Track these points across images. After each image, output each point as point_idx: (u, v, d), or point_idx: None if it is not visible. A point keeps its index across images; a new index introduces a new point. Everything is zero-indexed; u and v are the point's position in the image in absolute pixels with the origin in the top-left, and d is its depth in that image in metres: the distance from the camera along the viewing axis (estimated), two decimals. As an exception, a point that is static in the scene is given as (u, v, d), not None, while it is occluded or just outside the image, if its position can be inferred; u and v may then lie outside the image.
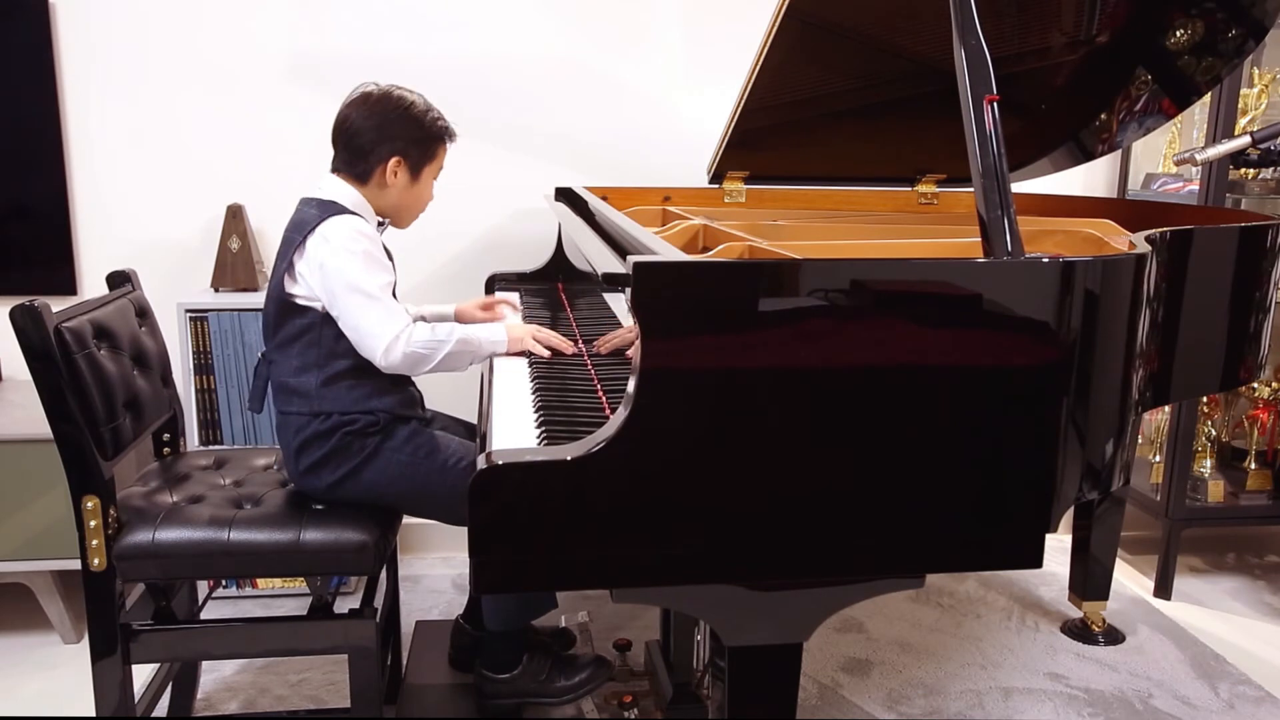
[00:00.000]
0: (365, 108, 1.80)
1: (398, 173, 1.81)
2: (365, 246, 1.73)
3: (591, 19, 2.69)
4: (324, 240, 1.72)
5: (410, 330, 1.73)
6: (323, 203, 1.78)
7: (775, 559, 1.26)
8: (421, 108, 1.83)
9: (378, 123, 1.79)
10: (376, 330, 1.71)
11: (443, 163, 1.90)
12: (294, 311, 1.76)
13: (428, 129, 1.83)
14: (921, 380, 1.25)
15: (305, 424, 1.75)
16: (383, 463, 1.75)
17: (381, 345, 1.71)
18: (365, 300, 1.71)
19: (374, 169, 1.81)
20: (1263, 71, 2.74)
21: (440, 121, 1.86)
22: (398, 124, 1.80)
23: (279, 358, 1.79)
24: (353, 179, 1.82)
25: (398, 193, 1.84)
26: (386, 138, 1.79)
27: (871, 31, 2.09)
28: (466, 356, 1.80)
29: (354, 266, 1.71)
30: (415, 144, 1.82)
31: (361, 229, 1.75)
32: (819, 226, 2.22)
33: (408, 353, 1.72)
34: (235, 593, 2.57)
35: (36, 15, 2.48)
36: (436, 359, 1.76)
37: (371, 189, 1.82)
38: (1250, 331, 2.08)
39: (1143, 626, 2.54)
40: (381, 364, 1.72)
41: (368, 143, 1.79)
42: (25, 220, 2.58)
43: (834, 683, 2.24)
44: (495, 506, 1.20)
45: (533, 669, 1.93)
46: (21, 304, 1.54)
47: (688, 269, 1.24)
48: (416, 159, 1.83)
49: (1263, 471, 2.86)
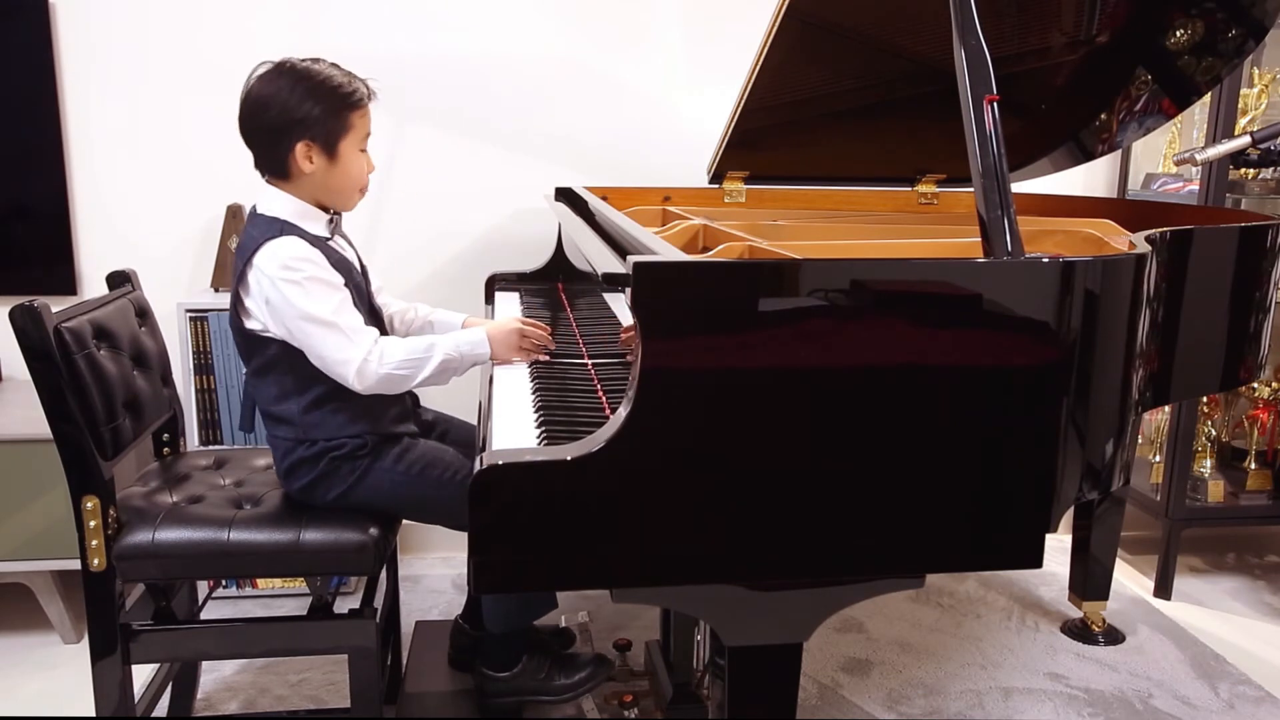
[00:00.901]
0: (260, 89, 1.64)
1: (310, 157, 1.66)
2: (306, 272, 1.61)
3: (591, 19, 2.69)
4: (260, 274, 1.62)
5: (380, 349, 1.64)
6: (263, 221, 1.67)
7: (775, 559, 1.26)
8: (319, 76, 1.64)
9: (276, 106, 1.62)
10: (341, 357, 1.62)
11: (367, 129, 1.71)
12: (258, 343, 1.69)
13: (329, 98, 1.64)
14: (921, 380, 1.25)
15: (292, 449, 1.73)
16: (375, 482, 1.72)
17: (351, 371, 1.62)
18: (322, 329, 1.61)
19: (286, 160, 1.65)
20: (1263, 71, 2.74)
21: (344, 87, 1.65)
22: (295, 102, 1.62)
23: (258, 385, 1.74)
24: (276, 178, 1.69)
25: (320, 178, 1.68)
26: (287, 122, 1.62)
27: (871, 31, 2.09)
28: (449, 373, 1.71)
29: (298, 296, 1.60)
30: (319, 122, 1.64)
31: (296, 253, 1.62)
32: (819, 226, 2.22)
33: (382, 375, 1.64)
34: (235, 593, 2.57)
35: (36, 15, 2.48)
36: (417, 379, 1.68)
37: (296, 183, 1.68)
38: (1250, 331, 2.08)
39: (1143, 626, 2.54)
40: (357, 389, 1.64)
41: (270, 132, 1.64)
42: (25, 220, 2.58)
43: (834, 683, 2.24)
44: (495, 507, 1.19)
45: (532, 668, 1.92)
46: (21, 304, 1.54)
47: (688, 269, 1.24)
48: (326, 136, 1.65)
49: (1263, 471, 2.86)
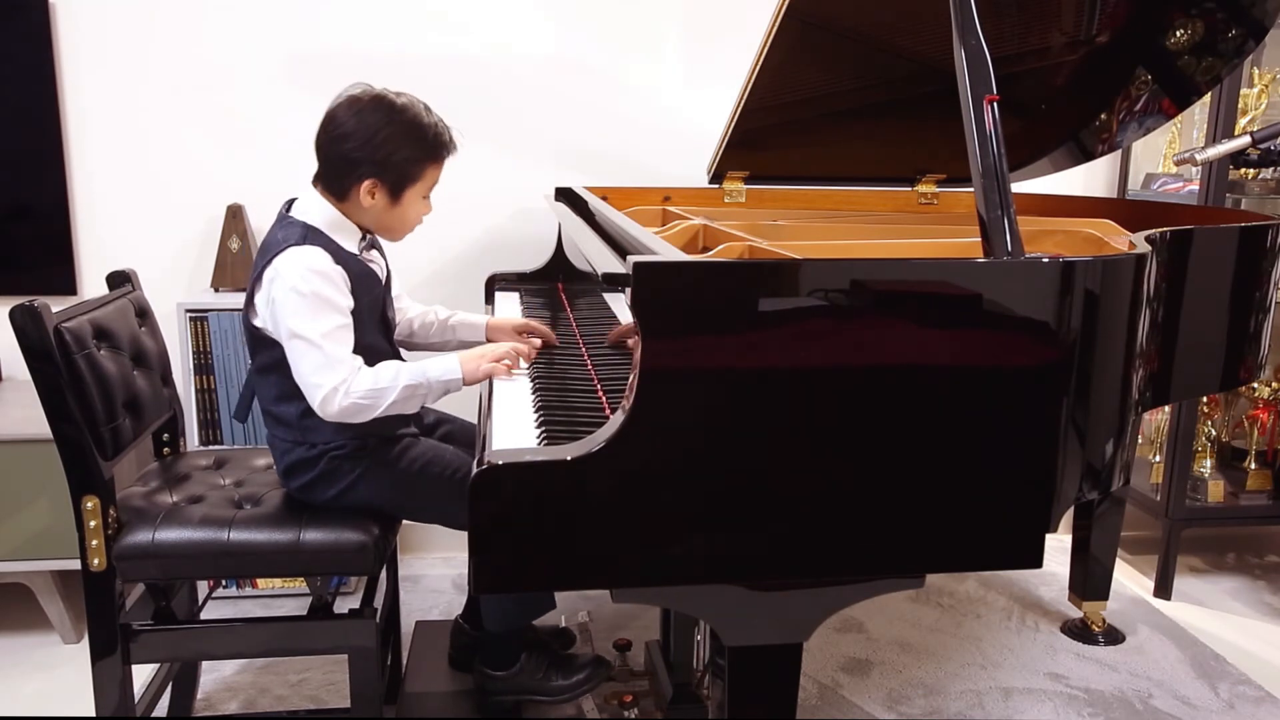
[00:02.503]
0: (347, 117, 1.65)
1: (375, 194, 1.68)
2: (315, 287, 1.60)
3: (591, 19, 2.69)
4: (276, 275, 1.62)
5: (349, 382, 1.61)
6: (291, 224, 1.67)
7: (775, 559, 1.26)
8: (410, 121, 1.65)
9: (358, 140, 1.64)
10: (315, 380, 1.60)
11: (436, 179, 1.74)
12: (264, 343, 1.70)
13: (413, 148, 1.67)
14: (921, 380, 1.25)
15: (290, 449, 1.73)
16: (374, 481, 1.72)
17: (318, 396, 1.60)
18: (306, 347, 1.60)
19: (349, 188, 1.68)
20: (1263, 71, 2.74)
21: (432, 139, 1.68)
22: (379, 141, 1.64)
23: (260, 383, 1.74)
24: (330, 194, 1.70)
25: (377, 214, 1.71)
26: (363, 158, 1.64)
27: (871, 31, 2.09)
28: (416, 400, 1.67)
29: (299, 309, 1.60)
30: (394, 166, 1.66)
31: (315, 266, 1.61)
32: (819, 226, 2.22)
33: (344, 405, 1.60)
34: (235, 593, 2.57)
35: (36, 15, 2.48)
36: (381, 407, 1.63)
37: (349, 207, 1.70)
38: (1250, 331, 2.08)
39: (1143, 626, 2.54)
40: (320, 413, 1.62)
41: (343, 161, 1.66)
42: (25, 220, 2.58)
43: (834, 683, 2.24)
44: (495, 507, 1.20)
45: (531, 668, 1.92)
46: (21, 304, 1.54)
47: (688, 269, 1.24)
48: (395, 181, 1.68)
49: (1263, 471, 2.86)
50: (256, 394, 1.78)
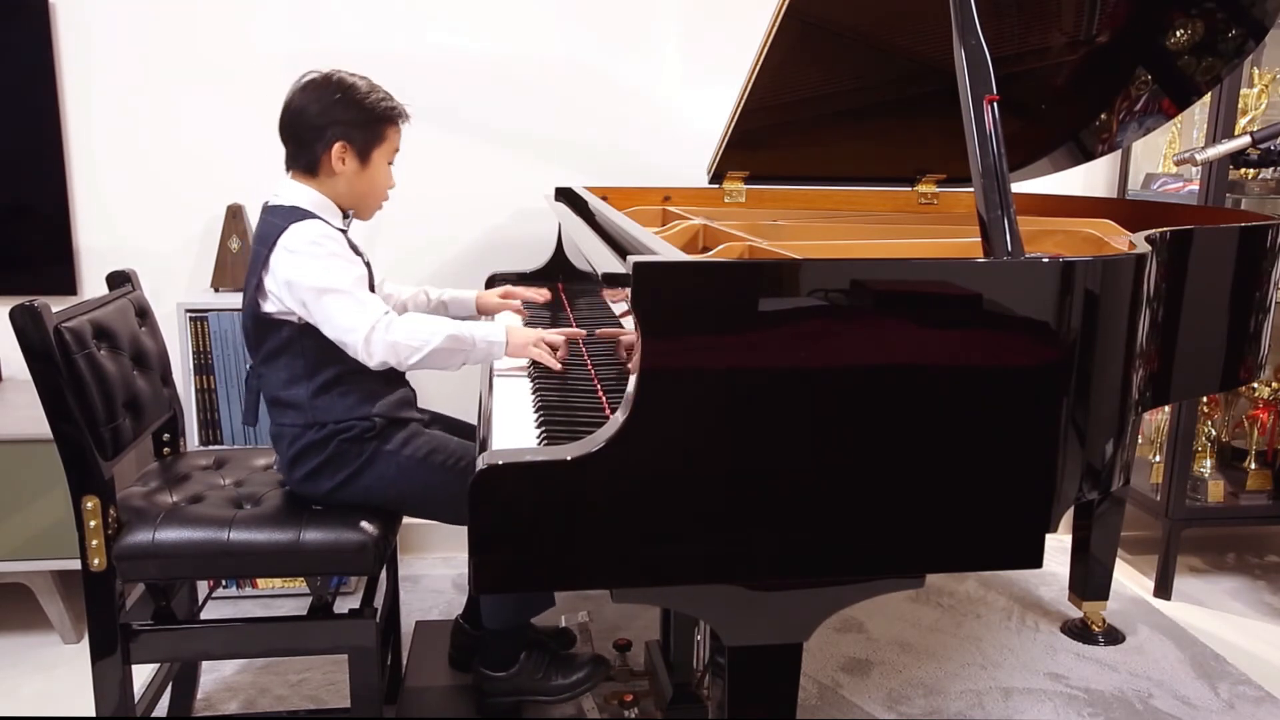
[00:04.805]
0: (306, 94, 1.75)
1: (345, 159, 1.76)
2: (330, 249, 1.69)
3: (591, 19, 2.69)
4: (287, 252, 1.67)
5: (389, 319, 1.67)
6: (283, 210, 1.73)
7: (775, 559, 1.26)
8: (364, 89, 1.77)
9: (319, 108, 1.74)
10: (350, 324, 1.66)
11: (396, 144, 1.83)
12: (272, 326, 1.73)
13: (370, 110, 1.76)
14: (921, 380, 1.25)
15: (300, 434, 1.74)
16: (380, 467, 1.74)
17: (360, 337, 1.65)
18: (337, 297, 1.66)
19: (320, 157, 1.75)
20: (1263, 71, 2.74)
21: (385, 102, 1.79)
22: (339, 107, 1.74)
23: (267, 371, 1.76)
24: (304, 174, 1.77)
25: (349, 180, 1.78)
26: (328, 122, 1.74)
27: (871, 31, 2.09)
28: (459, 355, 1.71)
29: (319, 269, 1.66)
30: (358, 126, 1.75)
31: (323, 232, 1.70)
32: (819, 226, 2.22)
33: (389, 341, 1.65)
34: (235, 593, 2.57)
35: (36, 15, 2.48)
36: (424, 352, 1.67)
37: (323, 181, 1.77)
38: (1250, 331, 2.08)
39: (1143, 626, 2.54)
40: (364, 357, 1.66)
41: (310, 130, 1.74)
42: (25, 220, 2.58)
43: (834, 683, 2.24)
44: (495, 507, 1.20)
45: (530, 667, 1.93)
46: (21, 304, 1.54)
47: (688, 269, 1.24)
48: (362, 142, 1.77)
49: (1263, 471, 2.86)
50: (263, 387, 1.79)
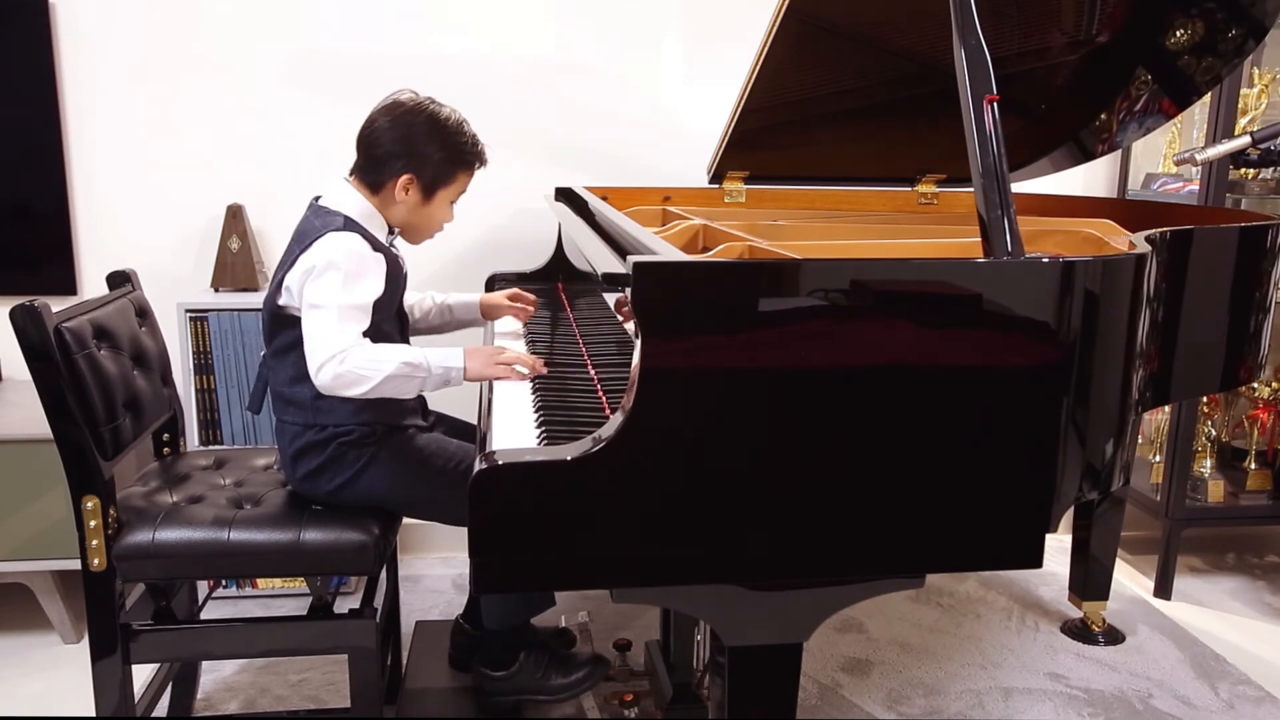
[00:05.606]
0: (391, 117, 1.73)
1: (409, 190, 1.75)
2: (351, 267, 1.66)
3: (591, 19, 2.69)
4: (311, 259, 1.66)
5: (349, 352, 1.62)
6: (327, 213, 1.73)
7: (775, 559, 1.26)
8: (450, 129, 1.75)
9: (398, 134, 1.72)
10: (315, 345, 1.63)
11: (465, 188, 1.82)
12: (285, 322, 1.73)
13: (451, 151, 1.76)
14: (921, 380, 1.25)
15: (301, 433, 1.74)
16: (380, 470, 1.74)
17: (316, 362, 1.62)
18: (322, 315, 1.63)
19: (385, 182, 1.75)
20: (1263, 71, 2.74)
21: (467, 146, 1.77)
22: (418, 140, 1.73)
23: (275, 365, 1.77)
24: (365, 186, 1.76)
25: (407, 210, 1.78)
26: (403, 153, 1.73)
27: (871, 31, 2.09)
28: (414, 383, 1.66)
29: (327, 284, 1.64)
30: (432, 165, 1.75)
31: (354, 248, 1.67)
32: (819, 226, 2.22)
33: (339, 372, 1.61)
34: (235, 593, 2.57)
35: (36, 15, 2.48)
36: (375, 380, 1.62)
37: (382, 200, 1.77)
38: (1250, 331, 2.08)
39: (1143, 626, 2.54)
40: (315, 381, 1.63)
41: (384, 154, 1.73)
42: (25, 220, 2.58)
43: (834, 683, 2.24)
44: (495, 506, 1.20)
45: (530, 667, 1.93)
46: (21, 304, 1.54)
47: (688, 269, 1.24)
48: (430, 180, 1.76)
49: (1263, 471, 2.86)
50: (270, 379, 1.79)
